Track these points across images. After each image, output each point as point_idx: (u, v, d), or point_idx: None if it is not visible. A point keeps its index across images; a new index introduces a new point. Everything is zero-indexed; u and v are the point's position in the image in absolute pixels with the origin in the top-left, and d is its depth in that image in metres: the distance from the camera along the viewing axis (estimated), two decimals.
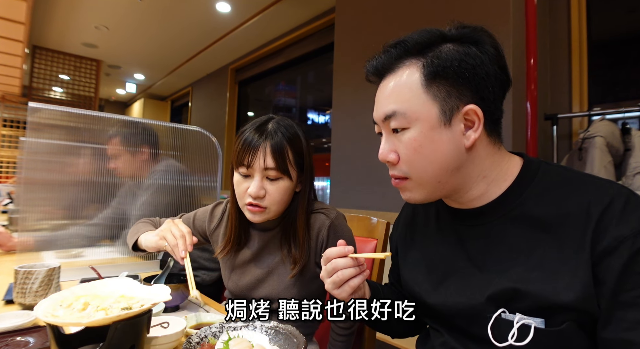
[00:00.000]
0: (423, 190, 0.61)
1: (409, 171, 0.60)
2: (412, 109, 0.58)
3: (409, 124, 0.58)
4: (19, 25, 3.02)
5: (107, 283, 0.70)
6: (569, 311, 0.51)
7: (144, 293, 0.67)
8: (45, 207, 1.24)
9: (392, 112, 0.59)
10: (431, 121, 0.57)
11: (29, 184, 1.20)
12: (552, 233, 0.54)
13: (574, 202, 0.54)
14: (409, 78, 0.59)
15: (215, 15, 3.78)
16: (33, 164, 1.19)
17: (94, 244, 1.38)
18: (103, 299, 0.63)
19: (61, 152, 1.25)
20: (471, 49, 0.57)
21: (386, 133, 0.62)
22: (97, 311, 0.58)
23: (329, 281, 0.62)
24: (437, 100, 0.57)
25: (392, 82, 0.60)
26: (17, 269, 0.85)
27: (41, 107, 1.17)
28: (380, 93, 0.62)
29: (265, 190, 0.86)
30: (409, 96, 0.58)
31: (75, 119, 1.28)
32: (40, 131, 1.19)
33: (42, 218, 1.23)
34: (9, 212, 2.42)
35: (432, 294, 0.66)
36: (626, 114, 1.60)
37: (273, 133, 0.87)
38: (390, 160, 0.61)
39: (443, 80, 0.57)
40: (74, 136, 1.28)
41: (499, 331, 0.54)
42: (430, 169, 0.59)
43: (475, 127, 0.58)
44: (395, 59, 0.61)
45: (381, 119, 0.61)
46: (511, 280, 0.55)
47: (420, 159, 0.58)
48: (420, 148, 0.58)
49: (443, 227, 0.69)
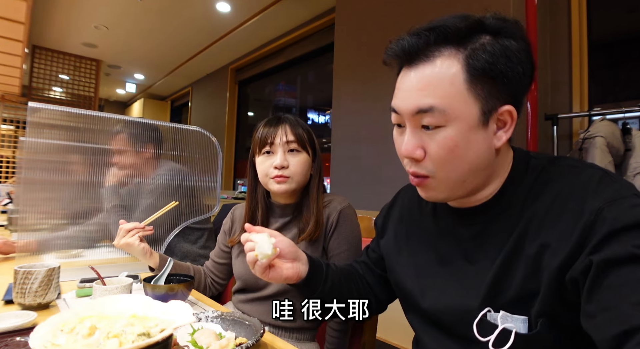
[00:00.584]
0: (446, 189, 0.58)
1: (435, 169, 0.56)
2: (452, 106, 0.52)
3: (447, 123, 0.53)
4: (19, 25, 3.01)
5: (114, 300, 0.58)
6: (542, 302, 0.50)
7: (160, 311, 0.56)
8: (44, 207, 1.24)
9: (429, 107, 0.53)
10: (471, 122, 0.53)
11: (28, 184, 1.20)
12: (525, 224, 0.54)
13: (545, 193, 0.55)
14: (449, 71, 0.52)
15: (215, 15, 3.78)
16: (33, 164, 1.19)
17: (94, 244, 1.38)
18: (112, 320, 0.53)
19: (61, 152, 1.25)
20: (512, 44, 0.53)
21: (412, 127, 0.56)
22: (108, 339, 0.48)
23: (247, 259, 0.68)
24: (479, 99, 0.53)
25: (428, 71, 0.53)
26: (17, 269, 0.85)
27: (41, 107, 1.16)
28: (410, 82, 0.55)
29: (288, 162, 1.00)
30: (450, 92, 0.52)
31: (75, 119, 1.28)
32: (40, 131, 1.19)
33: (41, 218, 1.23)
34: (8, 212, 2.42)
35: (427, 295, 0.66)
36: (626, 114, 1.60)
37: (289, 118, 1.04)
38: (416, 157, 0.56)
39: (488, 79, 0.52)
40: (74, 135, 1.28)
41: (484, 333, 0.54)
42: (460, 169, 0.55)
43: (507, 128, 0.56)
44: (431, 45, 0.54)
45: (411, 113, 0.55)
46: (492, 275, 0.55)
47: (453, 159, 0.54)
48: (455, 148, 0.54)
49: (441, 226, 0.68)
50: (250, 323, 0.73)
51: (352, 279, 0.81)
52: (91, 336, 0.49)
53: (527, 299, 0.52)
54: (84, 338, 0.48)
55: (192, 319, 0.52)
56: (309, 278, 0.72)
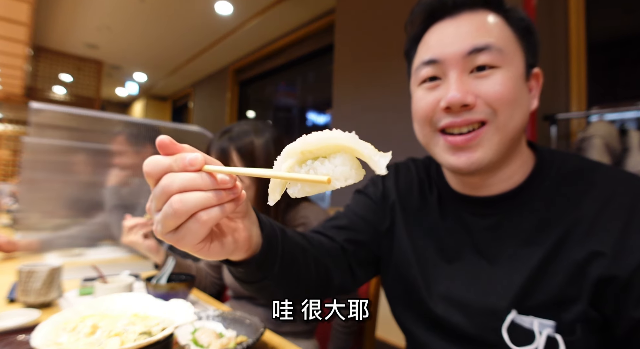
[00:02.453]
0: (498, 143, 0.52)
1: (494, 111, 0.51)
2: (507, 48, 0.52)
3: (502, 64, 0.51)
4: (22, 26, 3.03)
5: (115, 299, 0.58)
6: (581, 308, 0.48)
7: (161, 310, 0.55)
8: (47, 206, 1.25)
9: (487, 44, 0.51)
10: (520, 70, 0.54)
11: (31, 184, 1.21)
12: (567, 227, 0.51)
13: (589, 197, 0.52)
14: (497, 19, 0.54)
15: (217, 16, 3.79)
16: (35, 164, 1.20)
17: (96, 243, 1.39)
18: (113, 319, 0.52)
19: (63, 152, 1.26)
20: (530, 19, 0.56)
21: (460, 72, 0.52)
22: (110, 337, 0.47)
23: (158, 218, 0.34)
24: (523, 51, 0.54)
25: (480, 16, 0.53)
26: (20, 268, 0.86)
27: (43, 107, 1.18)
28: (459, 27, 0.54)
29: None
30: (504, 35, 0.53)
31: (77, 120, 1.29)
32: (42, 131, 1.20)
33: (44, 218, 1.24)
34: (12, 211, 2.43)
35: (431, 285, 0.61)
36: (624, 114, 1.61)
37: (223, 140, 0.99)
38: (469, 102, 0.51)
39: (526, 34, 0.55)
40: (76, 136, 1.29)
41: (517, 340, 0.50)
42: (517, 115, 0.52)
43: (534, 92, 0.57)
44: (475, 3, 0.55)
45: (464, 53, 0.52)
46: (525, 275, 0.52)
47: (514, 100, 0.51)
48: (514, 90, 0.52)
49: (447, 214, 0.63)
50: (251, 321, 0.74)
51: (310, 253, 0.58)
52: (93, 334, 0.49)
53: (562, 304, 0.49)
54: (85, 336, 0.48)
55: (193, 318, 0.53)
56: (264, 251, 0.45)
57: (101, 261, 1.29)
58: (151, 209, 0.35)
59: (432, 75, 0.55)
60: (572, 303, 0.49)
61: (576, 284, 0.49)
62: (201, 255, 0.37)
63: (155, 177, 0.33)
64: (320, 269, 0.59)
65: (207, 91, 5.76)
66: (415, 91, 0.59)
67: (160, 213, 0.33)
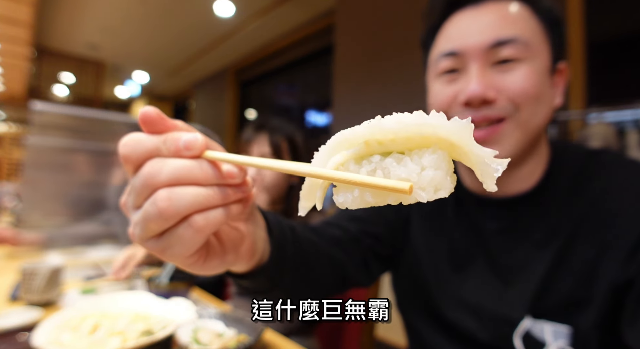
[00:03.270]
0: (519, 139, 0.49)
1: (515, 108, 0.48)
2: (533, 41, 0.49)
3: (527, 57, 0.48)
4: (24, 27, 3.04)
5: (117, 298, 0.58)
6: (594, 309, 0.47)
7: (162, 309, 0.56)
8: (49, 205, 1.26)
9: (512, 37, 0.48)
10: (545, 62, 0.50)
11: (33, 183, 1.22)
12: (582, 229, 0.50)
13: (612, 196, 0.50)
14: (523, 10, 0.51)
15: (218, 17, 3.79)
16: (37, 163, 1.21)
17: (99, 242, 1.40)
18: (115, 318, 0.53)
19: (65, 152, 1.27)
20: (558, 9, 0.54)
21: (481, 65, 0.49)
22: (111, 336, 0.48)
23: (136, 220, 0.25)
24: (549, 44, 0.51)
25: (505, 7, 0.50)
26: (23, 267, 0.87)
27: (45, 107, 1.18)
28: (482, 18, 0.50)
29: (261, 175, 0.98)
30: (532, 27, 0.50)
31: (78, 120, 1.30)
32: (44, 131, 1.21)
33: (46, 216, 1.25)
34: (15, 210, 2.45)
35: (443, 287, 0.59)
36: (623, 114, 1.61)
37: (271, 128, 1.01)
38: (490, 97, 0.48)
39: (553, 27, 0.52)
40: (78, 135, 1.30)
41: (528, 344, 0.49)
42: (541, 112, 0.49)
43: (559, 89, 0.54)
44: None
45: (487, 46, 0.49)
46: (537, 280, 0.50)
47: (538, 96, 0.48)
48: (539, 84, 0.49)
49: (461, 216, 0.61)
50: None
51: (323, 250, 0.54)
52: (94, 333, 0.49)
53: (576, 306, 0.48)
54: (87, 335, 0.49)
55: (194, 316, 0.53)
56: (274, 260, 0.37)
57: (103, 260, 1.30)
58: (127, 205, 0.25)
59: (451, 68, 0.52)
60: (586, 305, 0.48)
61: (587, 284, 0.48)
62: (192, 270, 0.28)
63: (135, 162, 0.25)
64: (335, 264, 0.55)
65: (208, 91, 5.77)
66: (432, 83, 0.56)
67: (140, 212, 0.24)
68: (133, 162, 0.25)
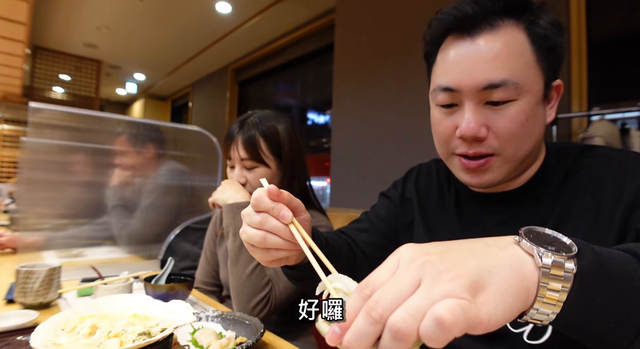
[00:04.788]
0: (508, 169, 0.55)
1: (502, 147, 0.53)
2: (524, 79, 0.51)
3: (518, 96, 0.51)
4: (20, 26, 3.02)
5: (115, 300, 0.58)
6: None
7: (160, 311, 0.55)
8: (46, 207, 1.24)
9: (503, 81, 0.50)
10: (538, 94, 0.53)
11: (29, 184, 1.20)
12: (573, 220, 0.53)
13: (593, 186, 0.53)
14: (517, 41, 0.51)
15: (216, 16, 3.78)
16: (34, 164, 1.20)
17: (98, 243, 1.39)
18: (113, 320, 0.53)
19: (62, 152, 1.26)
20: (559, 26, 0.54)
21: (475, 103, 0.52)
22: (109, 338, 0.47)
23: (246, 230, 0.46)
24: (544, 71, 0.53)
25: (497, 42, 0.51)
26: (18, 268, 0.86)
27: (42, 107, 1.17)
28: (475, 53, 0.52)
29: (245, 178, 0.96)
30: (521, 63, 0.51)
31: (76, 119, 1.28)
32: (41, 131, 1.19)
33: (43, 218, 1.24)
34: (10, 212, 2.43)
35: None
36: (625, 114, 1.60)
37: (247, 127, 0.95)
38: (481, 136, 0.52)
39: (549, 52, 0.53)
40: (75, 136, 1.28)
41: (516, 324, 0.53)
42: (527, 144, 0.53)
43: (552, 104, 0.56)
44: (495, 13, 0.52)
45: (479, 88, 0.51)
46: None
47: (523, 134, 0.52)
48: (526, 122, 0.52)
49: (464, 214, 0.64)
50: (251, 322, 0.73)
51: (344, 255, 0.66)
52: (92, 335, 0.49)
53: None
54: (84, 337, 0.48)
55: (193, 318, 0.52)
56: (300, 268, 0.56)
57: (100, 262, 1.29)
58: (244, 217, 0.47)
59: (449, 103, 0.55)
60: None
61: None
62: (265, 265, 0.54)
63: (256, 208, 0.45)
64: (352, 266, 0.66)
65: (206, 90, 5.75)
66: (433, 109, 0.60)
67: (250, 232, 0.46)
68: (255, 207, 0.45)
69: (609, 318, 0.30)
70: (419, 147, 2.06)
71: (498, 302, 0.27)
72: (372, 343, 0.26)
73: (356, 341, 0.26)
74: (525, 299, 0.29)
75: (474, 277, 0.27)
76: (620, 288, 0.30)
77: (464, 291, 0.25)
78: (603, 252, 0.32)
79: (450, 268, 0.27)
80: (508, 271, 0.28)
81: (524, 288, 0.28)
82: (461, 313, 0.24)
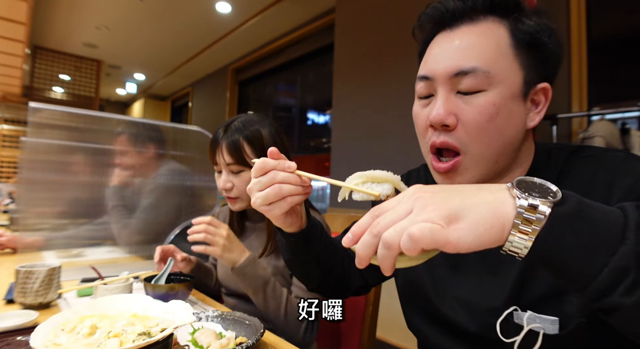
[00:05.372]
0: (478, 171, 0.53)
1: (469, 141, 0.51)
2: (497, 69, 0.50)
3: (488, 86, 0.50)
4: (20, 26, 3.02)
5: (115, 300, 0.58)
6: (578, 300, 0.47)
7: (160, 311, 0.55)
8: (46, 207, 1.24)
9: (472, 68, 0.50)
10: (513, 88, 0.50)
11: (29, 184, 1.20)
12: None
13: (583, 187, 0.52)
14: (495, 33, 0.51)
15: (216, 16, 3.78)
16: (34, 164, 1.20)
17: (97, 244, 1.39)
18: (113, 320, 0.53)
19: (62, 152, 1.25)
20: (554, 27, 0.52)
21: (446, 92, 0.52)
22: (109, 338, 0.48)
23: (260, 195, 0.52)
24: (523, 67, 0.51)
25: (474, 33, 0.51)
26: (18, 268, 0.86)
27: (42, 107, 1.17)
28: (451, 43, 0.53)
29: (232, 182, 0.97)
30: (495, 53, 0.50)
31: (75, 119, 1.28)
32: (40, 131, 1.19)
33: (42, 218, 1.24)
34: (10, 212, 2.43)
35: (438, 288, 0.61)
36: (625, 114, 1.61)
37: (231, 132, 0.96)
38: (449, 123, 0.51)
39: (531, 49, 0.51)
40: (75, 136, 1.28)
41: (508, 334, 0.51)
42: (496, 143, 0.51)
43: (540, 109, 0.54)
44: (477, 10, 0.53)
45: (449, 75, 0.51)
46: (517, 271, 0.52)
47: (491, 130, 0.50)
48: (496, 116, 0.50)
49: None
50: (251, 322, 0.73)
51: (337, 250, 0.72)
52: (92, 335, 0.48)
53: (559, 296, 0.49)
54: (84, 337, 0.48)
55: (193, 318, 0.52)
56: (309, 229, 0.62)
57: (100, 262, 1.28)
58: (252, 189, 0.53)
59: (426, 93, 0.56)
60: (566, 295, 0.49)
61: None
62: (277, 223, 0.57)
63: (263, 170, 0.53)
64: (345, 268, 0.71)
65: (206, 90, 5.75)
66: (415, 101, 0.60)
67: (264, 192, 0.52)
68: (262, 170, 0.53)
69: (576, 255, 0.33)
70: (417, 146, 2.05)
71: (469, 230, 0.33)
72: (372, 250, 0.37)
73: (362, 248, 0.37)
74: (499, 233, 0.34)
75: (453, 210, 0.34)
76: (592, 231, 0.33)
77: (439, 219, 0.33)
78: (590, 203, 0.35)
79: (435, 202, 0.35)
80: (486, 208, 0.34)
81: (498, 223, 0.34)
82: (429, 233, 0.32)
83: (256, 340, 0.64)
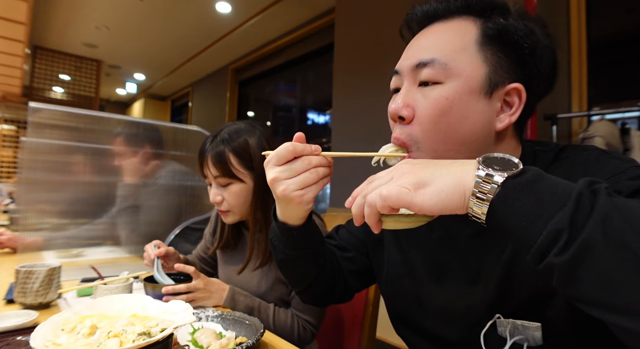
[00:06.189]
0: None
1: (421, 137, 0.51)
2: (456, 61, 0.49)
3: (446, 79, 0.49)
4: (20, 26, 3.02)
5: (115, 300, 0.58)
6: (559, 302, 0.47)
7: (160, 310, 0.55)
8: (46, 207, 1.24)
9: (431, 59, 0.50)
10: (473, 83, 0.49)
11: (29, 184, 1.20)
12: None
13: None
14: (461, 28, 0.52)
15: (216, 16, 3.78)
16: (34, 164, 1.20)
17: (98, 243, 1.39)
18: (112, 320, 0.53)
19: (62, 152, 1.25)
20: (537, 29, 0.51)
21: (408, 85, 0.53)
22: (109, 338, 0.47)
23: (295, 180, 0.52)
24: (487, 63, 0.50)
25: (440, 29, 0.53)
26: (18, 268, 0.85)
27: (42, 107, 1.17)
28: (418, 40, 0.54)
29: (221, 196, 0.94)
30: (457, 48, 0.50)
31: (75, 119, 1.28)
32: (40, 131, 1.19)
33: (42, 218, 1.24)
34: (10, 212, 2.43)
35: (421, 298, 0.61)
36: (625, 114, 1.60)
37: (216, 143, 0.94)
38: (404, 115, 0.51)
39: (500, 47, 0.50)
40: (75, 136, 1.28)
41: (493, 346, 0.50)
42: (449, 140, 0.50)
43: (513, 111, 0.51)
44: (452, 11, 0.53)
45: (411, 67, 0.52)
46: (500, 274, 0.51)
47: (444, 124, 0.49)
48: (449, 110, 0.49)
49: (435, 226, 0.61)
50: (251, 322, 0.73)
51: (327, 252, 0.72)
52: (92, 335, 0.48)
53: (540, 301, 0.48)
54: (84, 337, 0.48)
55: (193, 318, 0.52)
56: (309, 224, 0.63)
57: (100, 262, 1.28)
58: (280, 177, 0.53)
59: (394, 86, 0.57)
60: (548, 299, 0.48)
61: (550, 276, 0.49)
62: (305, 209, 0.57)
63: (292, 154, 0.52)
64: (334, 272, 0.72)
65: (206, 90, 5.75)
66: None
67: (301, 177, 0.52)
68: (292, 153, 0.52)
69: (522, 221, 0.36)
70: None
71: (432, 195, 0.39)
72: (362, 210, 0.44)
73: (355, 207, 0.45)
74: (460, 199, 0.39)
75: (422, 178, 0.40)
76: (539, 199, 0.35)
77: (409, 184, 0.40)
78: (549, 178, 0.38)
79: (411, 171, 0.42)
80: (451, 177, 0.39)
81: (459, 190, 0.39)
82: (395, 193, 0.39)
83: (256, 340, 0.64)
